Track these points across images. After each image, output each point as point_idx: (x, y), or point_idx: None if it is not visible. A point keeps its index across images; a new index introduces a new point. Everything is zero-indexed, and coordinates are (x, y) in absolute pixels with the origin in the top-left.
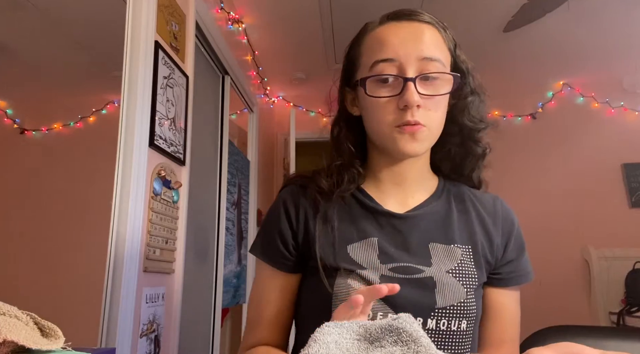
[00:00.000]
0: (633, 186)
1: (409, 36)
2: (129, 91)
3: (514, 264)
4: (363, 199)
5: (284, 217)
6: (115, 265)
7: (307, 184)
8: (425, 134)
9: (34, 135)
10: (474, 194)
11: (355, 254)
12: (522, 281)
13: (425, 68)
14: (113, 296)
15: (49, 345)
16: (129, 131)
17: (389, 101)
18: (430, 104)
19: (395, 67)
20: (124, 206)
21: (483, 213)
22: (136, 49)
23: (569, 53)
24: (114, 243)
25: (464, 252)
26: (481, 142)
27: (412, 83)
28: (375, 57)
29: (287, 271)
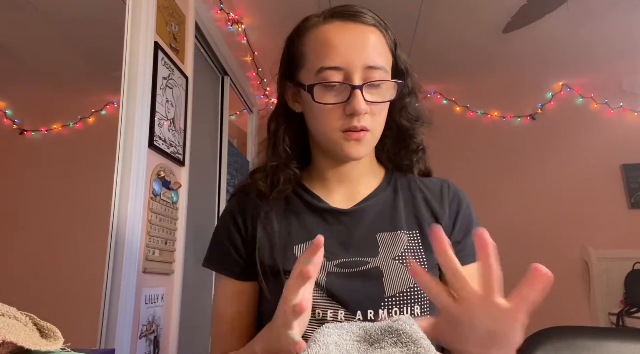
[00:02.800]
0: (632, 186)
1: (355, 42)
2: (128, 92)
3: (460, 245)
4: (308, 198)
5: (232, 225)
6: (114, 266)
7: (249, 189)
8: (369, 139)
9: (34, 135)
10: (421, 180)
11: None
12: (469, 260)
13: (371, 76)
14: (112, 297)
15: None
16: (128, 132)
17: (336, 106)
18: (375, 110)
19: (341, 75)
20: (124, 207)
21: (429, 196)
22: (136, 50)
23: (569, 54)
24: (113, 244)
25: (410, 238)
26: (415, 138)
27: (360, 91)
28: (321, 63)
29: (241, 278)
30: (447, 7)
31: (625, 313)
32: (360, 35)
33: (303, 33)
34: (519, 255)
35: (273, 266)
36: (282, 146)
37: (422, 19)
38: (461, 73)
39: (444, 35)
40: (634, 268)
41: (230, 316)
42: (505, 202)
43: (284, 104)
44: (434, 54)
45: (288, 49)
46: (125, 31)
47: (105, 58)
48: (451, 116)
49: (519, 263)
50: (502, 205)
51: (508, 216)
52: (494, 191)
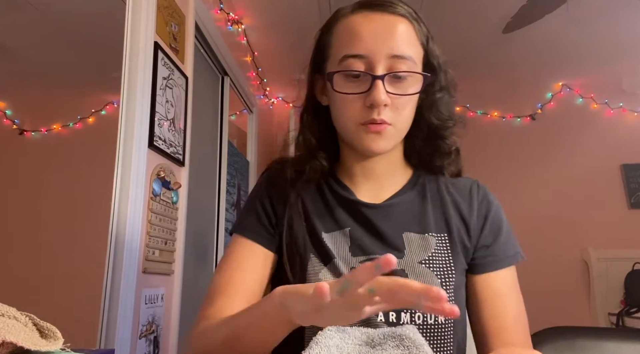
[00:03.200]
0: (632, 186)
1: (381, 31)
2: (128, 92)
3: (489, 249)
4: (338, 189)
5: (266, 196)
6: (114, 266)
7: (282, 169)
8: (391, 133)
9: (33, 136)
10: (450, 181)
11: (328, 243)
12: (499, 266)
13: (396, 66)
14: (112, 297)
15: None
16: (128, 132)
17: (357, 97)
18: (398, 103)
19: (364, 64)
20: (123, 207)
21: (458, 198)
22: (136, 50)
23: (568, 54)
24: (113, 244)
25: (438, 241)
26: (448, 140)
27: (381, 81)
28: (345, 51)
29: (267, 247)
30: (447, 7)
31: (625, 313)
32: (387, 23)
33: (332, 25)
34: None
35: (301, 249)
36: (309, 138)
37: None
38: (461, 73)
39: (444, 36)
40: (634, 268)
41: (239, 272)
42: (505, 203)
43: (313, 97)
44: None
45: (317, 42)
46: (125, 31)
47: (105, 58)
48: None
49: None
50: (501, 205)
51: (508, 216)
52: (493, 191)
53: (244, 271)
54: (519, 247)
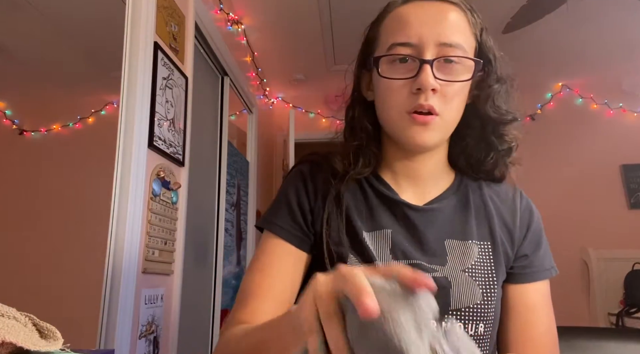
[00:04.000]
0: (632, 187)
1: (431, 18)
2: (128, 92)
3: (528, 259)
4: (379, 187)
5: (303, 190)
6: (114, 266)
7: (322, 163)
8: (437, 125)
9: (33, 136)
10: (491, 187)
11: (369, 244)
12: (537, 278)
13: (445, 53)
14: (112, 297)
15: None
16: (128, 132)
17: (404, 84)
18: (447, 91)
19: (412, 51)
20: (123, 207)
21: (502, 207)
22: (135, 50)
23: (568, 54)
24: (113, 244)
25: (481, 250)
26: (507, 137)
27: (429, 66)
28: (393, 39)
29: (301, 248)
30: None
31: (624, 313)
32: (438, 11)
33: (381, 17)
34: None
35: (340, 248)
36: (362, 125)
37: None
38: None
39: None
40: (634, 268)
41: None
42: None
43: (359, 93)
44: None
45: (366, 35)
46: (125, 31)
47: (105, 58)
48: None
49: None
50: None
51: None
52: None
53: (276, 273)
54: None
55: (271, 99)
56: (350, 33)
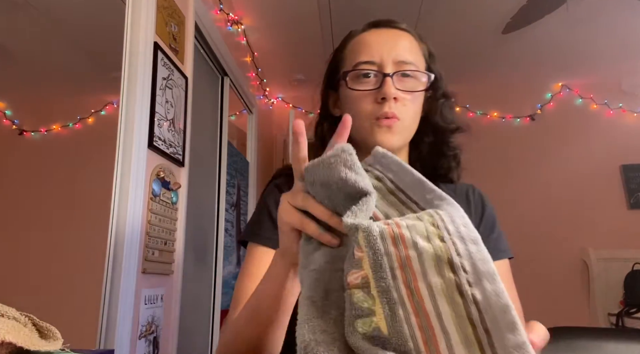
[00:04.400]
0: (632, 187)
1: (389, 41)
2: (128, 92)
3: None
4: None
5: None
6: (114, 266)
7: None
8: (400, 127)
9: (33, 136)
10: (448, 187)
11: None
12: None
13: (402, 68)
14: (112, 298)
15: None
16: (128, 132)
17: (368, 94)
18: (406, 100)
19: (375, 67)
20: (123, 207)
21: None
22: (135, 50)
23: (568, 55)
24: (113, 244)
25: None
26: (452, 144)
27: (390, 78)
28: (357, 59)
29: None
30: (447, 8)
31: (624, 313)
32: (393, 35)
33: (344, 44)
34: (518, 255)
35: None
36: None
37: (422, 20)
38: (461, 73)
39: (444, 36)
40: (634, 269)
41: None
42: (505, 203)
43: (327, 111)
44: None
45: (331, 60)
46: (125, 31)
47: (105, 58)
48: None
49: (518, 263)
50: (501, 206)
51: (507, 217)
52: (492, 192)
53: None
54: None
55: (271, 99)
56: None
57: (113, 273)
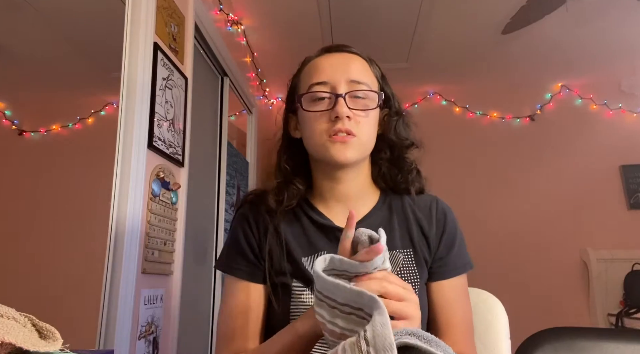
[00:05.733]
0: (631, 187)
1: (341, 63)
2: (127, 93)
3: (443, 260)
4: (313, 215)
5: (248, 230)
6: (113, 266)
7: (257, 202)
8: (355, 143)
9: (33, 136)
10: (413, 199)
11: (308, 268)
12: (450, 275)
13: (354, 88)
14: (111, 298)
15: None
16: (127, 133)
17: (323, 114)
18: (360, 118)
19: (328, 88)
20: (123, 208)
21: (420, 216)
22: (135, 51)
23: (568, 55)
24: (113, 245)
25: (405, 256)
26: (408, 159)
27: (342, 98)
28: (311, 81)
29: (256, 281)
30: (447, 8)
31: (624, 313)
32: (345, 58)
33: (300, 69)
34: (518, 256)
35: (283, 275)
36: (284, 166)
37: (422, 20)
38: (460, 74)
39: (443, 36)
40: (633, 269)
41: (241, 316)
42: (505, 203)
43: (287, 134)
44: (433, 55)
45: (290, 86)
46: (125, 32)
47: (105, 59)
48: (450, 117)
49: (518, 264)
50: (501, 206)
51: (507, 217)
52: (493, 192)
53: (247, 312)
54: (469, 257)
55: (271, 100)
56: (350, 33)
57: (113, 273)
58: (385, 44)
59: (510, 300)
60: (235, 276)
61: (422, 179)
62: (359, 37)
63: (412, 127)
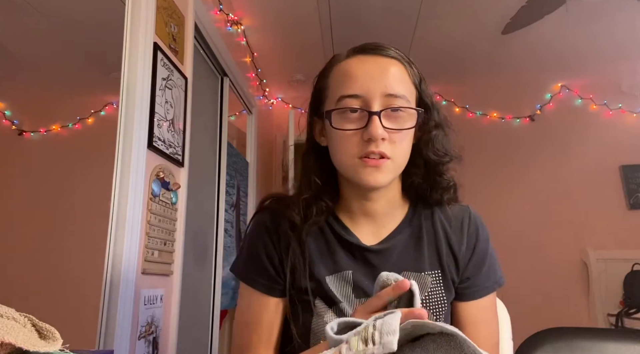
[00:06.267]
0: (631, 187)
1: (375, 71)
2: (127, 93)
3: (470, 281)
4: (339, 230)
5: (269, 243)
6: (113, 267)
7: (281, 212)
8: (389, 167)
9: (32, 136)
10: (444, 212)
11: (331, 287)
12: (478, 296)
13: (390, 103)
14: (111, 298)
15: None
16: (127, 133)
17: (354, 133)
18: (396, 137)
19: (360, 102)
20: (123, 208)
21: (450, 233)
22: (135, 51)
23: (568, 55)
24: (112, 245)
25: (433, 279)
26: (445, 175)
27: (377, 117)
28: (341, 92)
29: (275, 295)
30: (446, 8)
31: (624, 314)
32: (381, 65)
33: (329, 69)
34: (518, 256)
35: (305, 293)
36: (313, 179)
37: (422, 20)
38: (460, 74)
39: (443, 37)
40: (633, 269)
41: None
42: (505, 204)
43: (313, 139)
44: (433, 55)
45: (315, 86)
46: (125, 32)
47: (105, 59)
48: (450, 117)
49: (518, 264)
50: (501, 206)
51: (507, 217)
52: (492, 192)
53: (261, 325)
54: (500, 272)
55: (271, 100)
56: (350, 33)
57: (112, 274)
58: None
59: (510, 300)
60: (254, 288)
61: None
62: (359, 36)
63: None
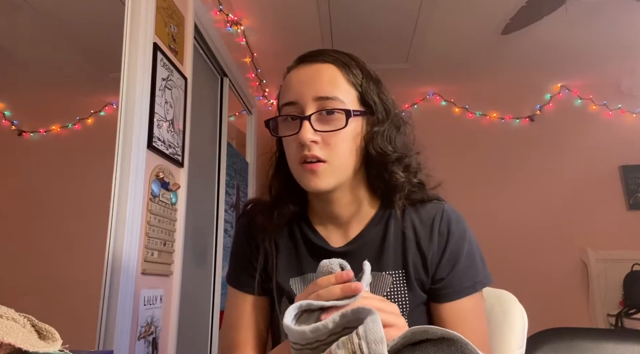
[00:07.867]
0: (631, 188)
1: (308, 77)
2: (127, 93)
3: (444, 282)
4: (308, 234)
5: (247, 246)
6: (113, 267)
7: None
8: (327, 170)
9: (32, 136)
10: (416, 211)
11: (294, 289)
12: (455, 297)
13: (323, 106)
14: (111, 298)
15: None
16: (127, 133)
17: (293, 139)
18: (330, 139)
19: (297, 109)
20: (122, 208)
21: (420, 231)
22: (135, 51)
23: (567, 55)
24: (112, 245)
25: (395, 278)
26: (396, 174)
27: (307, 121)
28: (282, 101)
29: (260, 294)
30: (446, 8)
31: (624, 314)
32: (313, 70)
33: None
34: (518, 256)
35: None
36: (275, 185)
37: (421, 21)
38: (460, 74)
39: (443, 37)
40: (633, 269)
41: (243, 328)
42: (504, 204)
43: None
44: (433, 56)
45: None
46: (125, 32)
47: (104, 59)
48: (450, 117)
49: (518, 264)
50: (501, 206)
51: (507, 217)
52: (492, 193)
53: (246, 325)
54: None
55: (271, 100)
56: (349, 34)
57: (112, 274)
58: (385, 44)
59: None
60: (237, 289)
61: (426, 191)
62: (358, 37)
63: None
